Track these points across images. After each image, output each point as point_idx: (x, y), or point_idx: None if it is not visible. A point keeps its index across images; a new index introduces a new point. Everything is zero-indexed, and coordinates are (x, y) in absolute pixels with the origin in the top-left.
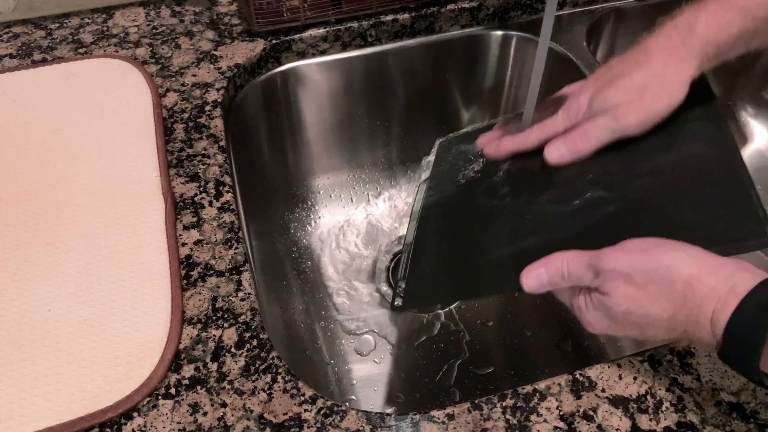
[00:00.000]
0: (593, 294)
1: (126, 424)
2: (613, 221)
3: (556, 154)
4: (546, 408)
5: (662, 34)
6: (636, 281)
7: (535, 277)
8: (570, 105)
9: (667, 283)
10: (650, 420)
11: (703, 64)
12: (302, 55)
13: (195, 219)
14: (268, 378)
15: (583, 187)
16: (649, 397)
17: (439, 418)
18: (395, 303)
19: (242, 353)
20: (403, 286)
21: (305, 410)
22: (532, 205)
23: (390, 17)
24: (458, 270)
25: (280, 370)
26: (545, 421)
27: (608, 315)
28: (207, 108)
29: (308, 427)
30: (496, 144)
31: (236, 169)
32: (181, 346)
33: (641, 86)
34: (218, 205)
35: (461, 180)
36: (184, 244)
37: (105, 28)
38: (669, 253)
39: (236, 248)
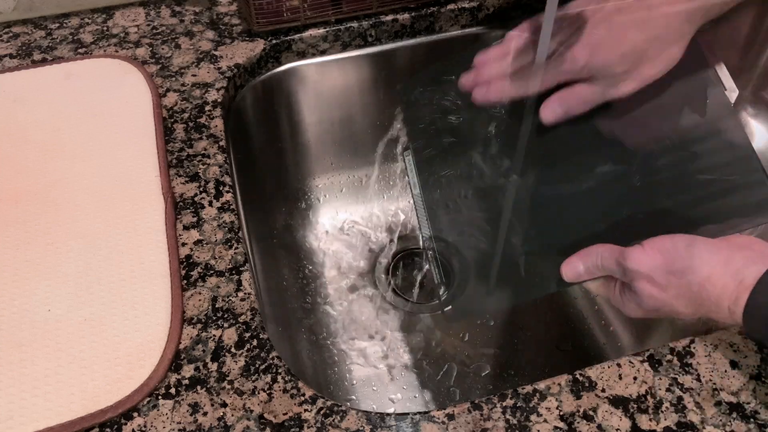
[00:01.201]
0: (626, 291)
1: (126, 424)
2: (627, 201)
3: (551, 115)
4: (546, 408)
5: None
6: (658, 282)
7: (573, 269)
8: (564, 58)
9: (684, 284)
10: (650, 420)
11: (705, 23)
12: (302, 55)
13: (195, 219)
14: (268, 378)
15: (588, 160)
16: (649, 397)
17: (439, 418)
18: (446, 311)
19: (242, 353)
20: (444, 291)
21: (305, 410)
22: (543, 185)
23: (390, 17)
24: (495, 272)
25: (280, 370)
26: (545, 421)
27: (641, 308)
28: (207, 108)
29: (308, 427)
30: (485, 89)
31: (236, 169)
32: (181, 346)
33: (641, 51)
34: (218, 205)
35: (448, 142)
36: (184, 244)
37: (105, 28)
38: (682, 255)
39: (236, 248)
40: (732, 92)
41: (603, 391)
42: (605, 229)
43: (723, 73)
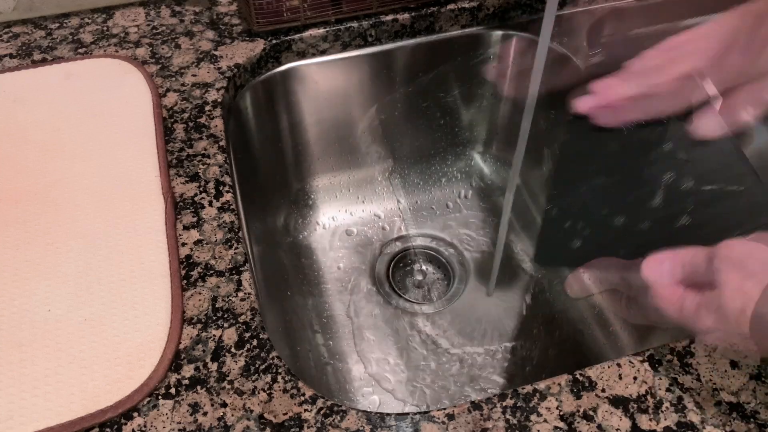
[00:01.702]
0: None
1: (126, 424)
2: (621, 213)
3: (712, 131)
4: (546, 408)
5: None
6: (662, 295)
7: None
8: (724, 64)
9: (687, 296)
10: (650, 420)
11: None
12: (302, 55)
13: (195, 219)
14: (268, 378)
15: (584, 173)
16: (649, 397)
17: (439, 418)
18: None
19: (242, 353)
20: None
21: (305, 410)
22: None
23: (390, 17)
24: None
25: (280, 370)
26: (545, 421)
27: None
28: (207, 108)
29: (308, 427)
30: (611, 111)
31: (236, 169)
32: (181, 346)
33: None
34: (218, 205)
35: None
36: (184, 244)
37: (105, 28)
38: (686, 268)
39: (236, 248)
40: (716, 99)
41: (603, 391)
42: (605, 243)
43: (705, 80)
